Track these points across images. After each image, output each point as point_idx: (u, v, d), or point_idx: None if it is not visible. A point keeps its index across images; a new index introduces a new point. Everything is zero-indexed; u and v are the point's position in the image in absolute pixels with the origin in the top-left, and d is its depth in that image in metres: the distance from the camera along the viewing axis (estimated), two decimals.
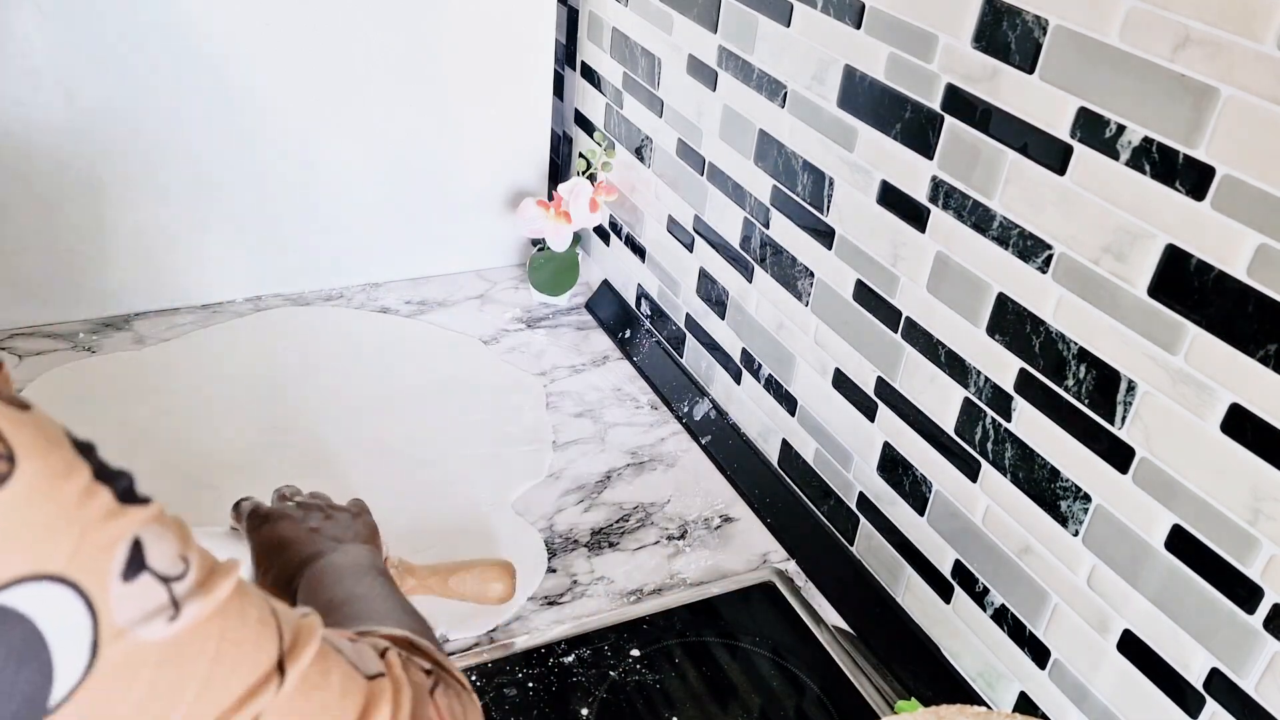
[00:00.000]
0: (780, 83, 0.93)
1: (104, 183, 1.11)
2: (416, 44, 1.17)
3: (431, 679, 0.50)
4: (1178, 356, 0.63)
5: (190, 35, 1.07)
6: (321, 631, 0.43)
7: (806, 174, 0.92)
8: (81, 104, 1.06)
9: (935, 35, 0.75)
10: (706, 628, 0.88)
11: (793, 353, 0.99)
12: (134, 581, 0.34)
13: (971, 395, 0.79)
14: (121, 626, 0.33)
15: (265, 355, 1.17)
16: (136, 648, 0.34)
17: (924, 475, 0.85)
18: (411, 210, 1.29)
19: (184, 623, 0.35)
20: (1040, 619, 0.76)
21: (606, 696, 0.81)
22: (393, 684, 0.45)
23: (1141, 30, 0.61)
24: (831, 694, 0.84)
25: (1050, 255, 0.70)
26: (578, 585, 0.93)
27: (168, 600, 0.35)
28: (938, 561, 0.85)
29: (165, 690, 0.34)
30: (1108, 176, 0.65)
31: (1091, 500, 0.70)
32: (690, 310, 1.17)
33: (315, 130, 1.18)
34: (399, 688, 0.45)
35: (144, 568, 0.34)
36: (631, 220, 1.26)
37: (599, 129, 1.28)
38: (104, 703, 0.33)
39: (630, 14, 1.15)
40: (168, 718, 0.35)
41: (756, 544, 1.00)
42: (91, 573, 0.32)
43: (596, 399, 1.17)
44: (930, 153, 0.78)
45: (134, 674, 0.34)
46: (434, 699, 0.48)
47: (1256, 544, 0.60)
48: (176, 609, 0.35)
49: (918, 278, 0.82)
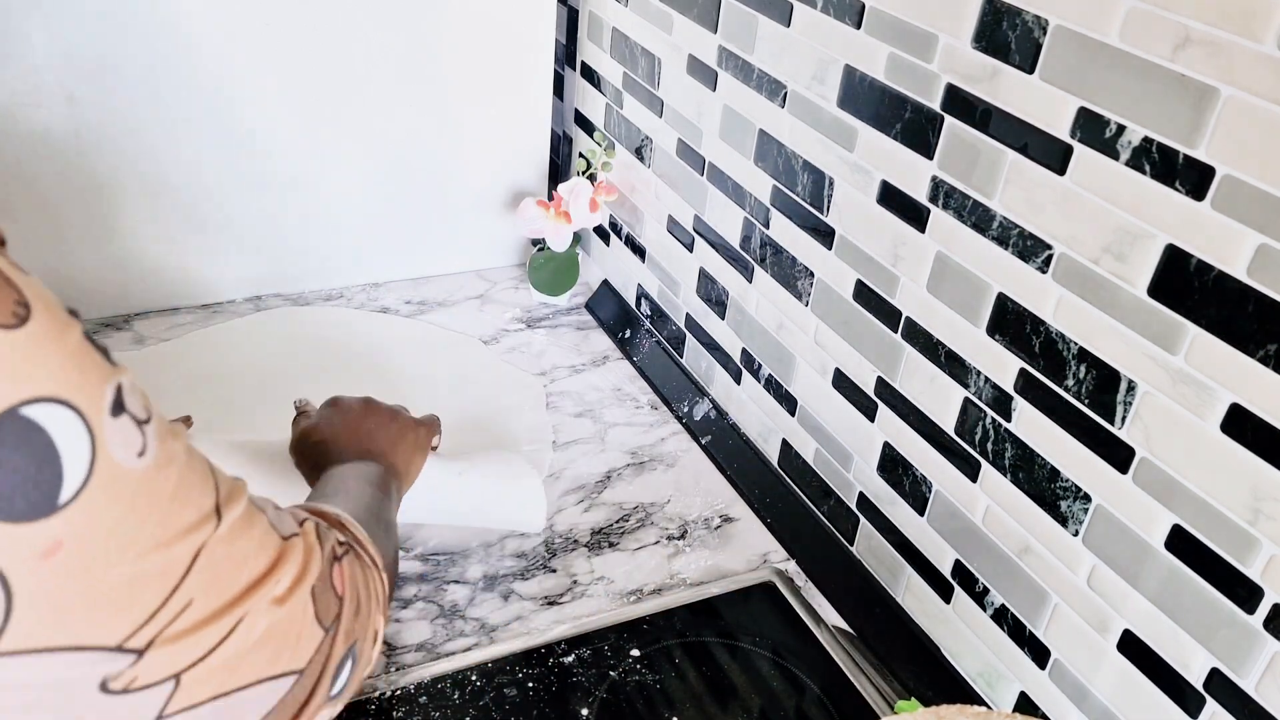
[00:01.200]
0: (780, 83, 0.93)
1: (104, 183, 1.11)
2: (416, 44, 1.17)
3: (343, 549, 0.56)
4: (1178, 356, 0.63)
5: (190, 35, 1.07)
6: (245, 487, 0.50)
7: (806, 174, 0.92)
8: (82, 104, 1.06)
9: (935, 35, 0.75)
10: (706, 628, 0.88)
11: (793, 353, 0.99)
12: (118, 418, 0.41)
13: (971, 395, 0.79)
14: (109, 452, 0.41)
15: (265, 355, 1.17)
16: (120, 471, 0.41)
17: (924, 475, 0.85)
18: (411, 210, 1.29)
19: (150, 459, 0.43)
20: (1040, 619, 0.76)
21: (606, 696, 0.81)
22: (304, 546, 0.52)
23: (1141, 30, 0.61)
24: (831, 694, 0.84)
25: (1050, 255, 0.70)
26: (578, 585, 0.93)
27: (141, 439, 0.42)
28: (938, 561, 0.85)
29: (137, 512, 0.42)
30: (1108, 176, 0.65)
31: (1091, 500, 0.70)
32: (690, 310, 1.17)
33: (315, 130, 1.18)
34: (309, 550, 0.52)
35: (124, 409, 0.42)
36: (631, 220, 1.26)
37: (599, 129, 1.28)
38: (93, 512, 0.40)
39: (630, 14, 1.15)
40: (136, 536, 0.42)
41: (756, 544, 1.00)
42: (91, 403, 0.40)
43: (596, 399, 1.17)
44: (930, 153, 0.78)
45: (117, 493, 0.41)
46: (341, 565, 0.55)
47: (1256, 544, 0.60)
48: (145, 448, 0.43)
49: (918, 278, 0.82)
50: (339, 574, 0.54)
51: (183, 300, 1.22)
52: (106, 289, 1.18)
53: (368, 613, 0.56)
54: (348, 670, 0.54)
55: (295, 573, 0.50)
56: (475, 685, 0.81)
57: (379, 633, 0.57)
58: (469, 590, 0.91)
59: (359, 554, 0.58)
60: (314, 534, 0.53)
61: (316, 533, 0.54)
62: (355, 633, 0.54)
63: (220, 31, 1.08)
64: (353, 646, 0.54)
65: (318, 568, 0.52)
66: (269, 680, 0.49)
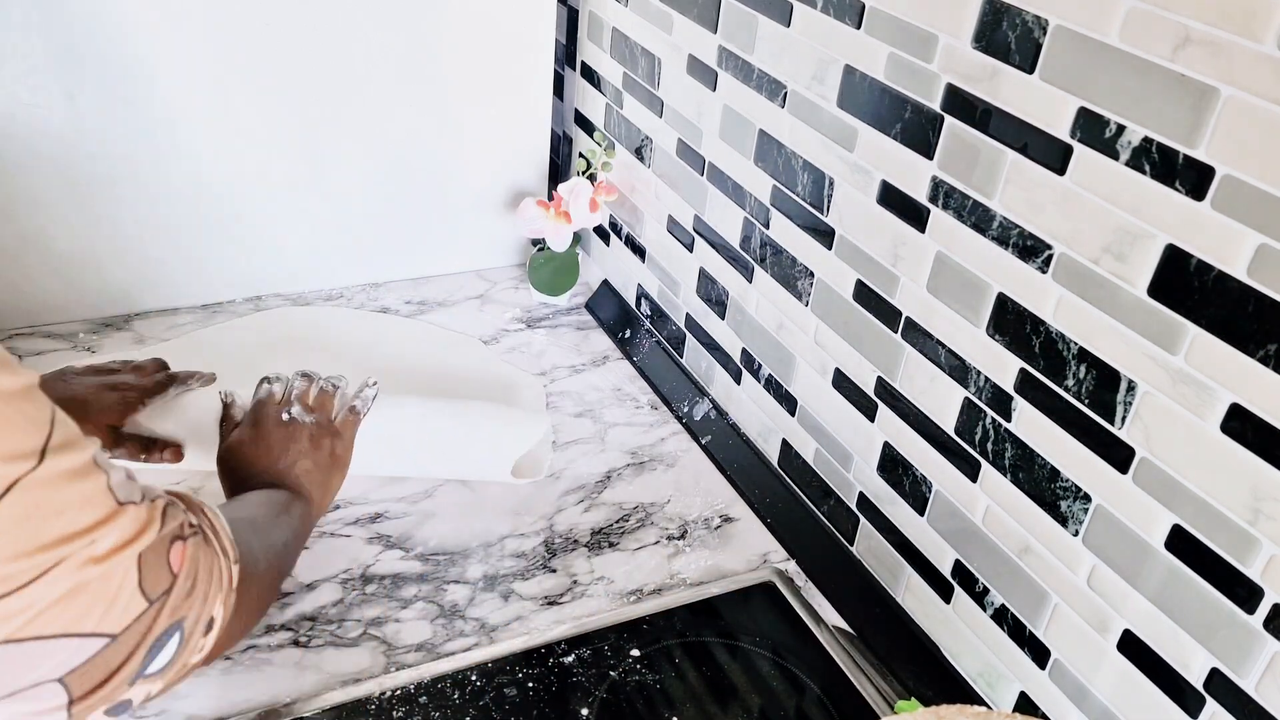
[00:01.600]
0: (780, 83, 0.93)
1: (103, 183, 1.11)
2: (416, 44, 1.17)
3: (191, 531, 0.55)
4: (1178, 356, 0.63)
5: (190, 35, 1.07)
6: (94, 452, 0.50)
7: (806, 174, 0.92)
8: (81, 104, 1.06)
9: (935, 35, 0.75)
10: (706, 628, 0.88)
11: (793, 353, 0.99)
12: None
13: (971, 395, 0.79)
14: None
15: (265, 355, 1.17)
16: None
17: (924, 475, 0.85)
18: (411, 210, 1.29)
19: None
20: (1040, 619, 0.76)
21: (606, 696, 0.81)
22: (141, 516, 0.51)
23: (1141, 30, 0.61)
24: (831, 694, 0.84)
25: (1050, 255, 0.70)
26: (578, 585, 0.93)
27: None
28: (938, 561, 0.85)
29: None
30: (1108, 176, 0.65)
31: (1091, 500, 0.70)
32: (690, 310, 1.17)
33: (315, 130, 1.18)
34: (146, 521, 0.52)
35: None
36: (631, 220, 1.26)
37: (599, 129, 1.28)
38: None
39: (630, 14, 1.15)
40: None
41: (756, 544, 1.00)
42: None
43: (596, 399, 1.17)
44: (930, 153, 0.78)
45: None
46: (184, 544, 0.54)
47: (1256, 544, 0.60)
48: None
49: (918, 278, 0.82)
50: (179, 552, 0.53)
51: (183, 300, 1.22)
52: (106, 289, 1.18)
53: (203, 596, 0.55)
54: (171, 649, 0.53)
55: (120, 537, 0.50)
56: (475, 685, 0.81)
57: (216, 621, 0.56)
58: (469, 590, 0.91)
59: (209, 540, 0.57)
60: (159, 509, 0.53)
61: (164, 509, 0.54)
62: (184, 611, 0.53)
63: (221, 31, 1.08)
64: (179, 624, 0.53)
65: (150, 539, 0.51)
66: (74, 637, 0.48)
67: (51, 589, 0.47)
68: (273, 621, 0.86)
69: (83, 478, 0.49)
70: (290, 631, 0.86)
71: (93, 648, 0.49)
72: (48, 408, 0.48)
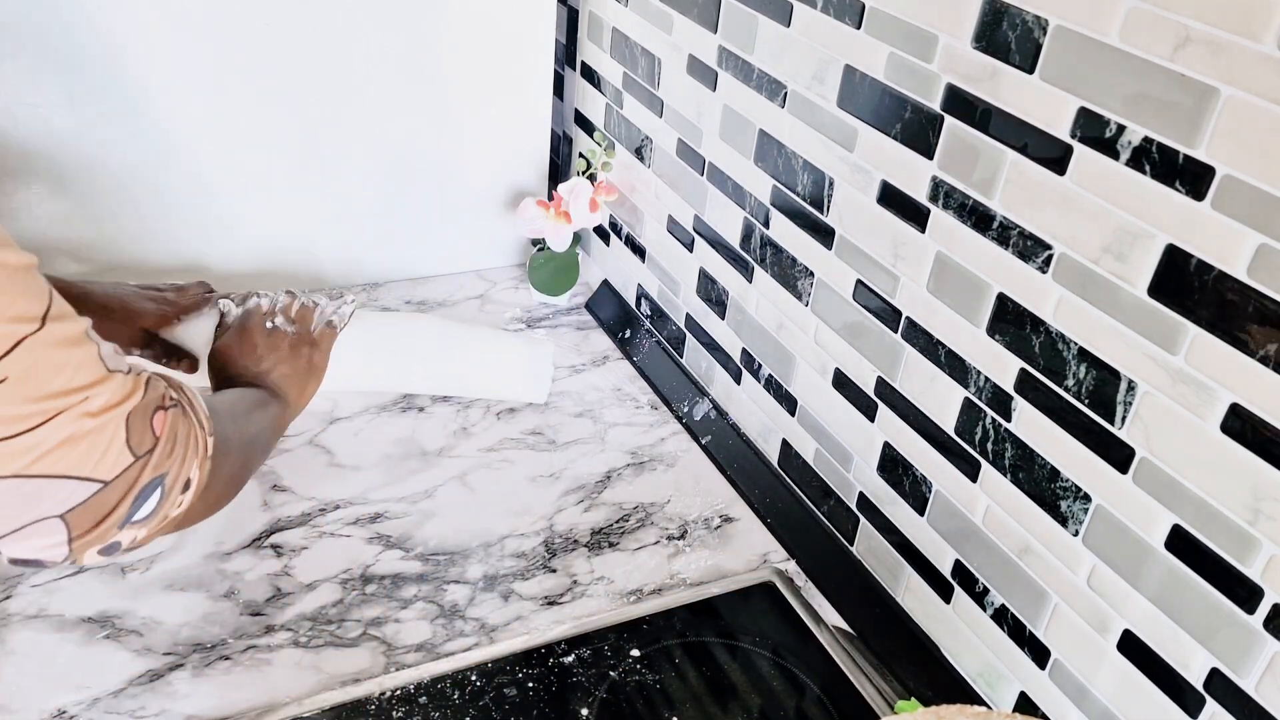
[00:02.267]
0: (780, 83, 0.93)
1: (102, 184, 1.11)
2: (416, 44, 1.17)
3: (172, 403, 0.63)
4: (1178, 356, 0.63)
5: (190, 36, 1.07)
6: (86, 327, 0.58)
7: (806, 174, 0.92)
8: (81, 104, 1.06)
9: (935, 35, 0.75)
10: (706, 628, 0.88)
11: (793, 353, 0.99)
12: None
13: (971, 395, 0.79)
14: None
15: None
16: None
17: (924, 475, 0.85)
18: (411, 210, 1.29)
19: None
20: (1040, 619, 0.76)
21: (606, 696, 0.81)
22: (128, 384, 0.59)
23: (1141, 30, 0.61)
24: (831, 694, 0.84)
25: (1050, 255, 0.70)
26: (578, 585, 0.93)
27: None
28: (938, 561, 0.85)
29: None
30: (1108, 176, 0.65)
31: (1091, 500, 0.70)
32: (690, 310, 1.17)
33: (315, 130, 1.18)
34: (132, 388, 0.59)
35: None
36: (631, 220, 1.26)
37: (599, 129, 1.28)
38: None
39: (630, 14, 1.15)
40: None
41: (756, 544, 1.00)
42: None
43: (596, 399, 1.17)
44: (930, 153, 0.78)
45: None
46: (165, 413, 0.61)
47: (1256, 544, 0.60)
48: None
49: (918, 278, 0.82)
50: (160, 419, 0.61)
51: None
52: None
53: (181, 458, 0.62)
54: (154, 501, 0.61)
55: (110, 398, 0.58)
56: (475, 685, 0.81)
57: (192, 483, 0.64)
58: (469, 590, 0.91)
59: (187, 412, 0.64)
60: (143, 380, 0.61)
61: (147, 381, 0.61)
62: (165, 468, 0.61)
63: (220, 32, 1.08)
64: (161, 479, 0.61)
65: (135, 402, 0.59)
66: (73, 479, 0.57)
67: (54, 434, 0.55)
68: (273, 621, 0.86)
69: (77, 345, 0.56)
70: (290, 631, 0.86)
71: (87, 491, 0.58)
72: (46, 285, 0.56)
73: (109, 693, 0.80)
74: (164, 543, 0.92)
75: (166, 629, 0.85)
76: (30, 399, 0.54)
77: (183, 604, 0.87)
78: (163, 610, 0.86)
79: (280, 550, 0.93)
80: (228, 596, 0.88)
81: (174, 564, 0.91)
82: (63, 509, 0.58)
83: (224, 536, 0.94)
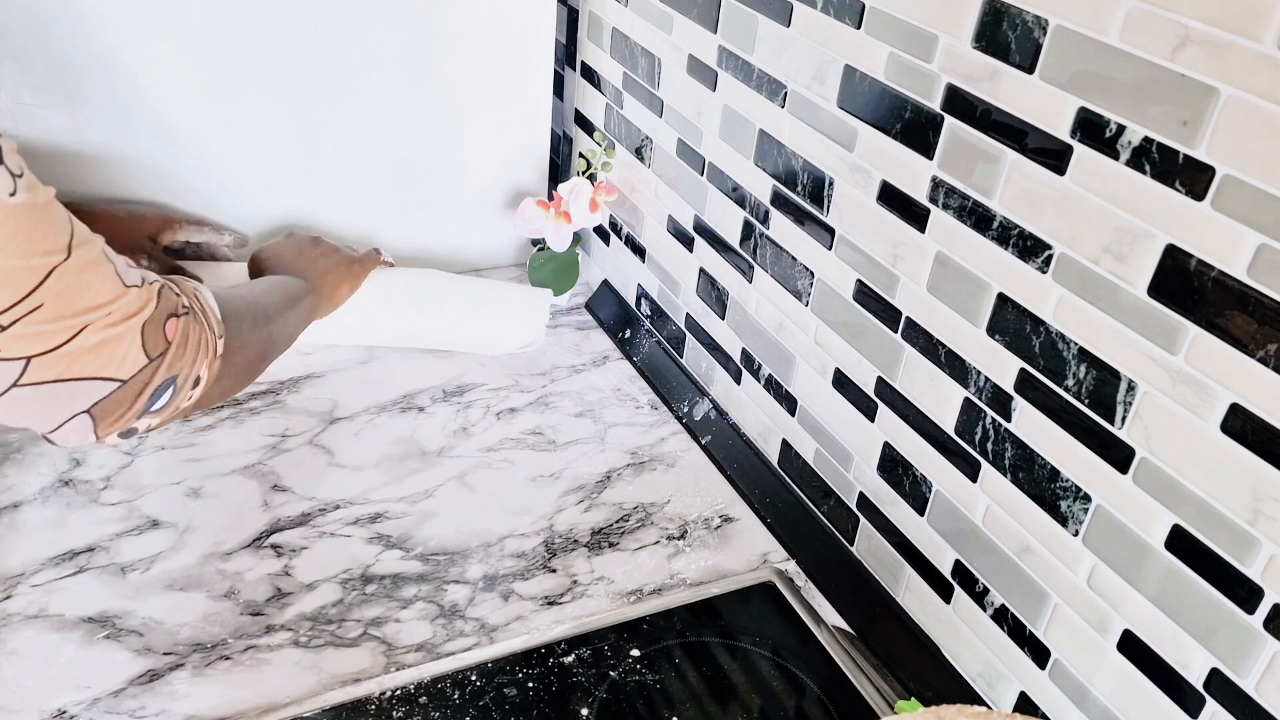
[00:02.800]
0: (780, 83, 0.93)
1: (103, 183, 1.11)
2: (416, 44, 1.17)
3: (184, 310, 0.72)
4: (1178, 356, 0.63)
5: (190, 35, 1.07)
6: (102, 245, 0.67)
7: (806, 174, 0.92)
8: (81, 105, 1.06)
9: (935, 35, 0.75)
10: (706, 628, 0.88)
11: (793, 353, 0.99)
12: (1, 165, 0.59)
13: (971, 395, 0.79)
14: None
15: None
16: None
17: (924, 475, 0.85)
18: (411, 210, 1.29)
19: (19, 200, 0.60)
20: (1040, 619, 0.76)
21: (606, 696, 0.81)
22: (142, 296, 0.68)
23: (1141, 30, 0.61)
24: (831, 694, 0.84)
25: (1050, 255, 0.70)
26: (578, 585, 0.93)
27: (13, 184, 0.60)
28: (938, 561, 0.85)
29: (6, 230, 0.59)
30: (1108, 176, 0.65)
31: (1091, 500, 0.70)
32: (690, 310, 1.17)
33: (315, 130, 1.18)
34: (146, 300, 0.68)
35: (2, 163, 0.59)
36: (631, 220, 1.26)
37: (599, 129, 1.28)
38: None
39: (630, 14, 1.15)
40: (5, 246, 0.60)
41: (756, 544, 1.00)
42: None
43: (596, 399, 1.17)
44: (930, 153, 0.78)
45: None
46: (177, 320, 0.71)
47: (1256, 544, 0.60)
48: (16, 191, 0.60)
49: (918, 278, 0.82)
50: (172, 325, 0.70)
51: None
52: None
53: (191, 359, 0.72)
54: (167, 396, 0.71)
55: (128, 310, 0.67)
56: (475, 685, 0.81)
57: (201, 380, 0.74)
58: (469, 590, 0.91)
59: (198, 318, 0.73)
60: (155, 291, 0.70)
61: (159, 293, 0.70)
62: (176, 369, 0.71)
63: (220, 31, 1.08)
64: (173, 379, 0.71)
65: (149, 313, 0.68)
66: (98, 380, 0.67)
67: (83, 343, 0.65)
68: (273, 621, 0.86)
69: (97, 265, 0.65)
70: (290, 631, 0.86)
71: (109, 388, 0.67)
72: (66, 214, 0.64)
73: (109, 693, 0.80)
74: (164, 543, 0.92)
75: (166, 629, 0.85)
76: (63, 317, 0.63)
77: (183, 604, 0.87)
78: (163, 610, 0.86)
79: (280, 550, 0.93)
80: (228, 596, 0.88)
81: (174, 564, 0.91)
82: (89, 404, 0.67)
83: (224, 536, 0.94)
